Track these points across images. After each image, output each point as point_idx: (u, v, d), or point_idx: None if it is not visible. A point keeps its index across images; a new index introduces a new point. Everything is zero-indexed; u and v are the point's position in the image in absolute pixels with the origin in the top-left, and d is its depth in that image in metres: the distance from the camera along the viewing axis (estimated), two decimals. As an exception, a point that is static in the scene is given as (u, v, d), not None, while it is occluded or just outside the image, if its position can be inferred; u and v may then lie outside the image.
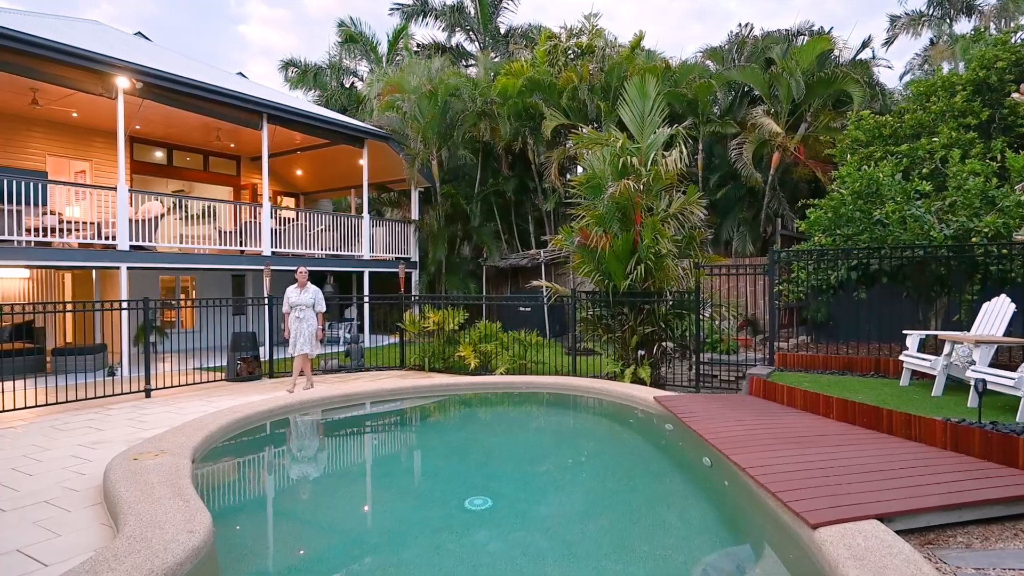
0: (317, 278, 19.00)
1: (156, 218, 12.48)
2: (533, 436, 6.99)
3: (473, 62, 23.16)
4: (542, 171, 16.24)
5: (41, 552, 3.53)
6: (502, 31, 23.88)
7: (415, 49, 25.43)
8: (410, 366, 11.30)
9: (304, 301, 8.77)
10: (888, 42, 22.10)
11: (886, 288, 8.44)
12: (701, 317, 8.42)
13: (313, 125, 14.65)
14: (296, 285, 8.94)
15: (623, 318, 8.85)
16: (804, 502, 3.60)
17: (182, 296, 16.72)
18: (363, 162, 16.28)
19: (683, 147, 8.57)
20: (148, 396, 8.93)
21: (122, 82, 11.01)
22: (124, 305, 9.76)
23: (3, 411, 7.68)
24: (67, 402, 8.25)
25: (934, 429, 4.77)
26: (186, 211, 13.98)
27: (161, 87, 11.62)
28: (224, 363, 11.01)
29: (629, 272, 8.40)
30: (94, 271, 13.64)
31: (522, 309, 15.63)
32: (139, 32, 17.28)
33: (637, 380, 8.41)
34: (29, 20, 11.97)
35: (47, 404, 8.10)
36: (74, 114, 13.93)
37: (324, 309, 8.94)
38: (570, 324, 9.51)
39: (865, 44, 15.02)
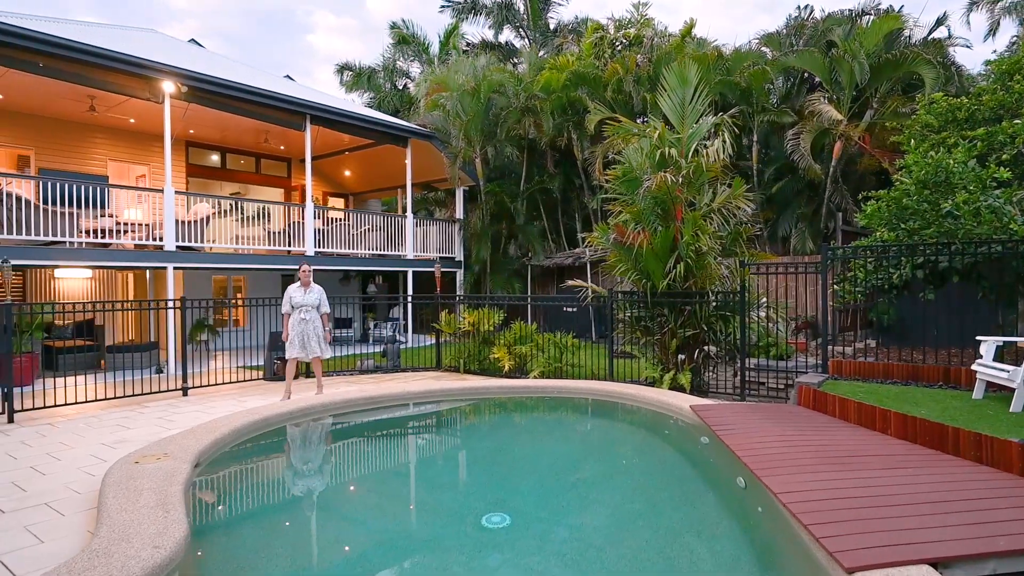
0: (362, 278, 19.17)
1: (204, 219, 12.76)
2: (559, 446, 6.57)
3: (522, 60, 22.89)
4: (587, 167, 15.76)
5: (16, 561, 3.42)
6: (551, 27, 23.47)
7: (464, 48, 25.37)
8: (446, 367, 11.09)
9: (309, 302, 8.21)
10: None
11: (958, 288, 7.57)
12: (748, 319, 7.79)
13: (355, 125, 14.68)
14: (299, 284, 8.34)
15: (662, 320, 8.33)
16: (840, 539, 3.08)
17: (237, 296, 17.14)
18: (407, 161, 16.25)
19: (727, 137, 7.96)
20: (185, 394, 9.05)
21: (167, 86, 11.28)
22: (166, 304, 9.95)
23: (53, 406, 7.92)
24: (109, 399, 8.43)
25: (1010, 452, 4.10)
26: (241, 213, 14.31)
27: (204, 90, 11.84)
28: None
29: (668, 271, 7.88)
30: (147, 271, 14.10)
31: (567, 309, 15.19)
32: (192, 39, 17.86)
33: (676, 387, 7.88)
34: (84, 30, 12.46)
35: (91, 400, 8.29)
36: (131, 120, 14.45)
37: (328, 310, 8.47)
38: (608, 326, 9.04)
39: (940, 22, 13.77)
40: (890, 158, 12.18)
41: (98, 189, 11.75)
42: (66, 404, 8.08)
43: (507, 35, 25.19)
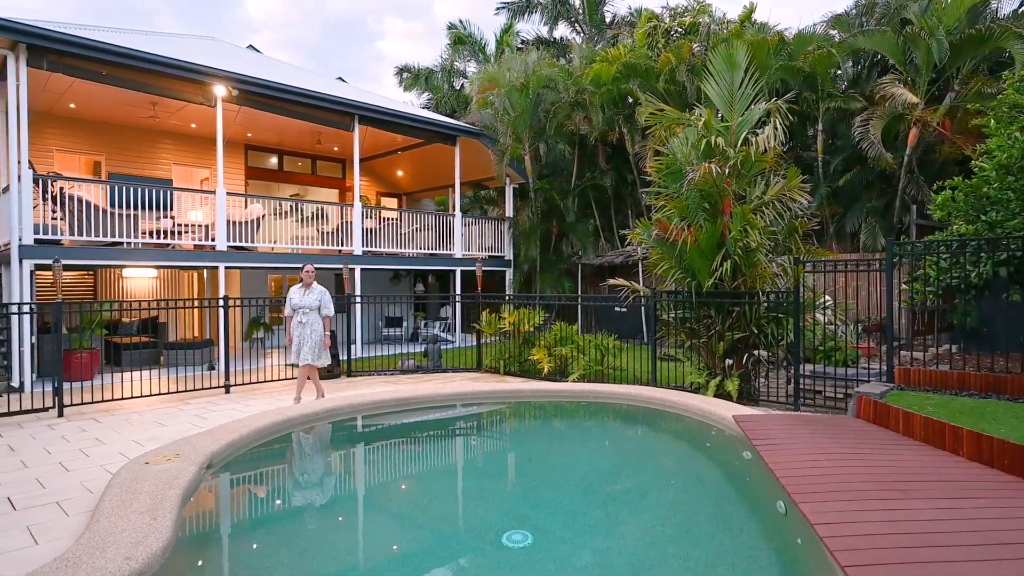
0: (413, 277, 19.22)
1: (256, 220, 13.04)
2: (590, 457, 6.14)
3: (575, 55, 22.48)
4: (639, 162, 15.16)
5: (3, 563, 3.38)
6: (607, 20, 22.89)
7: (519, 46, 25.17)
8: (486, 368, 10.85)
9: (308, 303, 7.54)
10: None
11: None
12: (803, 321, 7.13)
13: (402, 124, 14.67)
14: (300, 285, 7.73)
15: (709, 322, 7.77)
16: (882, 586, 2.60)
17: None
18: (455, 160, 16.14)
19: (779, 124, 7.30)
20: (227, 392, 9.19)
21: (219, 90, 11.55)
22: (212, 303, 10.17)
23: (101, 401, 8.21)
24: (157, 395, 8.68)
25: (1108, 484, 3.44)
26: (300, 214, 14.59)
27: (253, 93, 12.06)
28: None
29: (715, 269, 7.32)
30: (205, 271, 14.56)
31: (618, 310, 14.67)
32: (251, 45, 18.38)
33: (722, 394, 7.32)
34: (146, 39, 12.95)
35: (140, 396, 8.54)
36: (193, 125, 14.97)
37: (332, 313, 7.76)
38: (651, 327, 8.55)
39: (1034, -9, 12.41)
40: (974, 144, 11.04)
41: (156, 192, 12.14)
42: (115, 400, 8.33)
43: (563, 31, 24.85)
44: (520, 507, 4.63)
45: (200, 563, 3.62)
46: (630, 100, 14.73)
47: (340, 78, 19.68)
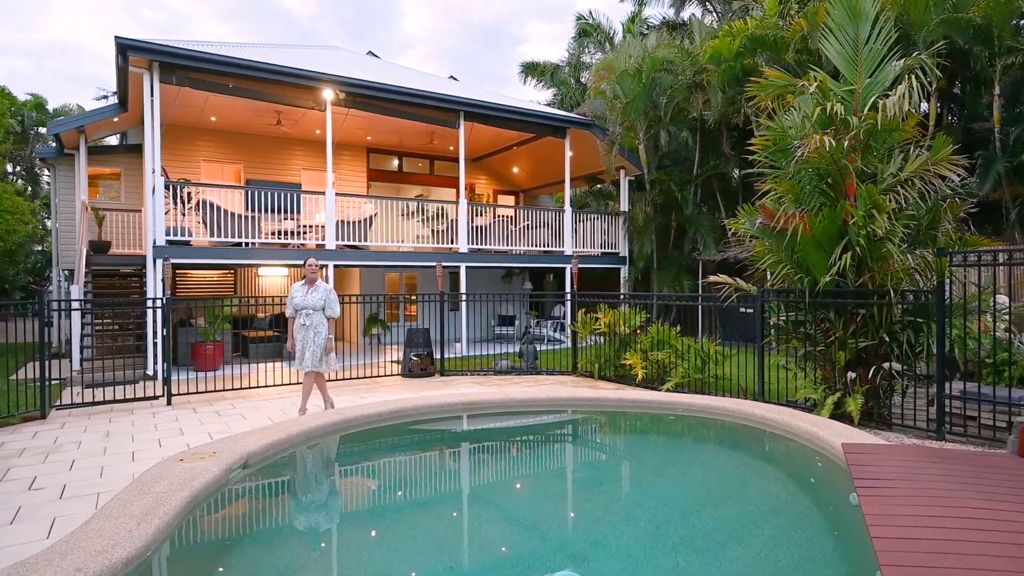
0: (529, 275, 18.88)
1: (368, 219, 13.40)
2: (667, 486, 5.15)
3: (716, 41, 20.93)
4: (768, 146, 13.53)
5: None
6: (743, -6, 20.99)
7: (644, 32, 23.98)
8: (581, 372, 10.16)
9: (311, 303, 6.70)
10: None
11: None
12: (950, 327, 5.68)
13: (507, 118, 14.35)
14: (303, 282, 6.89)
15: (827, 326, 6.50)
16: None
17: (405, 292, 17.97)
18: (566, 153, 15.54)
19: (917, 83, 5.84)
20: (320, 387, 9.38)
21: (327, 94, 11.97)
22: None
23: (212, 391, 8.77)
24: (261, 387, 9.19)
25: None
26: (422, 212, 14.91)
27: (358, 94, 12.35)
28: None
29: (832, 263, 6.07)
30: (327, 268, 15.30)
31: (743, 310, 13.21)
32: (370, 52, 19.10)
33: (841, 414, 6.05)
34: (270, 51, 13.81)
35: (247, 388, 9.09)
36: (316, 132, 15.80)
37: (337, 314, 6.92)
38: (757, 332, 7.38)
39: None
40: None
41: (281, 195, 12.81)
42: (221, 391, 8.83)
43: (693, 11, 23.29)
44: (578, 543, 3.93)
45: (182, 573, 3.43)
46: (757, 77, 13.15)
47: (452, 77, 19.86)
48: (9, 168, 26.04)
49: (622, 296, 13.40)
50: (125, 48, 10.06)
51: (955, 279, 5.73)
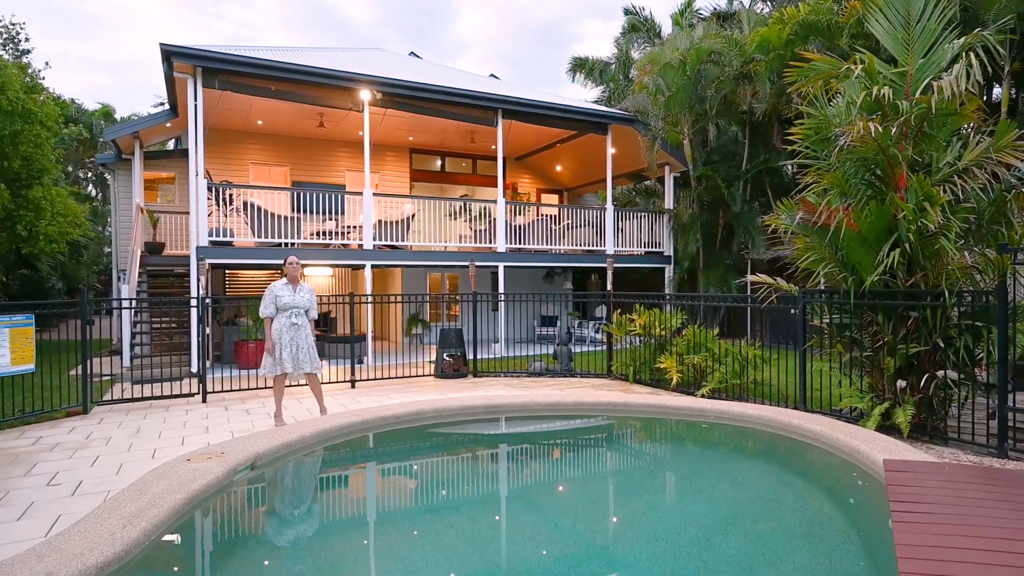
0: (571, 275, 18.55)
1: (407, 219, 13.43)
2: (692, 503, 4.69)
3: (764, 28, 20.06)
4: (821, 137, 12.78)
5: (-5, 555, 3.42)
6: (796, -20, 20.04)
7: (692, 24, 23.26)
8: (616, 375, 9.83)
9: (300, 303, 6.57)
10: None
11: None
12: (1014, 331, 5.10)
13: (546, 114, 14.09)
14: (285, 281, 6.67)
15: (875, 330, 5.98)
16: None
17: (447, 292, 17.97)
18: (608, 149, 15.17)
19: (978, 62, 5.27)
20: (353, 387, 9.39)
21: (364, 94, 12.03)
22: (346, 300, 10.55)
23: (247, 389, 8.92)
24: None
25: None
26: (468, 212, 14.87)
27: (394, 94, 12.37)
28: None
29: (880, 261, 5.56)
30: (366, 268, 15.46)
31: (794, 312, 12.53)
32: (412, 52, 19.18)
33: (888, 426, 5.55)
34: (309, 55, 14.02)
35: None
36: (360, 133, 15.95)
37: (316, 315, 6.85)
38: (800, 335, 6.89)
39: None
40: None
41: (322, 196, 12.97)
42: (259, 388, 8.93)
43: (743, 1, 22.42)
44: (593, 560, 3.68)
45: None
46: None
47: (493, 75, 19.73)
48: (80, 174, 27.58)
49: (665, 297, 12.95)
50: (169, 54, 10.36)
51: (1020, 278, 5.15)
